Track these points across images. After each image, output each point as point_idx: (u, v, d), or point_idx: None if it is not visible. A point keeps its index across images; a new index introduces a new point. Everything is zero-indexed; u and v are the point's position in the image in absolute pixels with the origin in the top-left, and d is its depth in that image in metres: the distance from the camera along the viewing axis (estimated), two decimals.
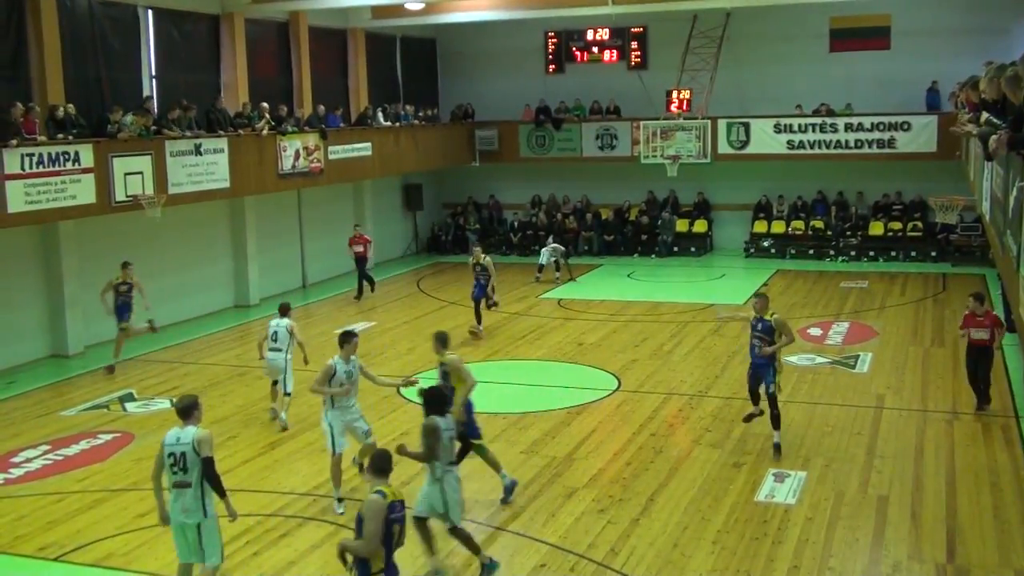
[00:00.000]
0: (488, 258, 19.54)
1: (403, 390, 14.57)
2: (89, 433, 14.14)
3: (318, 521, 10.80)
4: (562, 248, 25.77)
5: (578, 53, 30.29)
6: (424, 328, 20.32)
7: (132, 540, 10.46)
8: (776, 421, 12.42)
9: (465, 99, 30.93)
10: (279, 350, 14.13)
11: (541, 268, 25.25)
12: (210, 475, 8.40)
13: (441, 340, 11.49)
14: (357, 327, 20.60)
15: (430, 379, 11.71)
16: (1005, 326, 14.15)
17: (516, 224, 30.53)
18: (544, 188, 31.07)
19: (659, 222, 29.15)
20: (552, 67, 30.66)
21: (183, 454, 8.35)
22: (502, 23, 28.58)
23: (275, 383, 14.53)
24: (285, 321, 14.29)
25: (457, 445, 9.83)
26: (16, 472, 12.57)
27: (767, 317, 12.53)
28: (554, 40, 30.45)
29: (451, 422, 9.45)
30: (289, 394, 14.15)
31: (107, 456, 13.23)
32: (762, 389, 12.52)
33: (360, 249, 23.60)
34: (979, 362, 13.76)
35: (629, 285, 25.21)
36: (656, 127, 27.14)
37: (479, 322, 19.60)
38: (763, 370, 12.47)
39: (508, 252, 29.72)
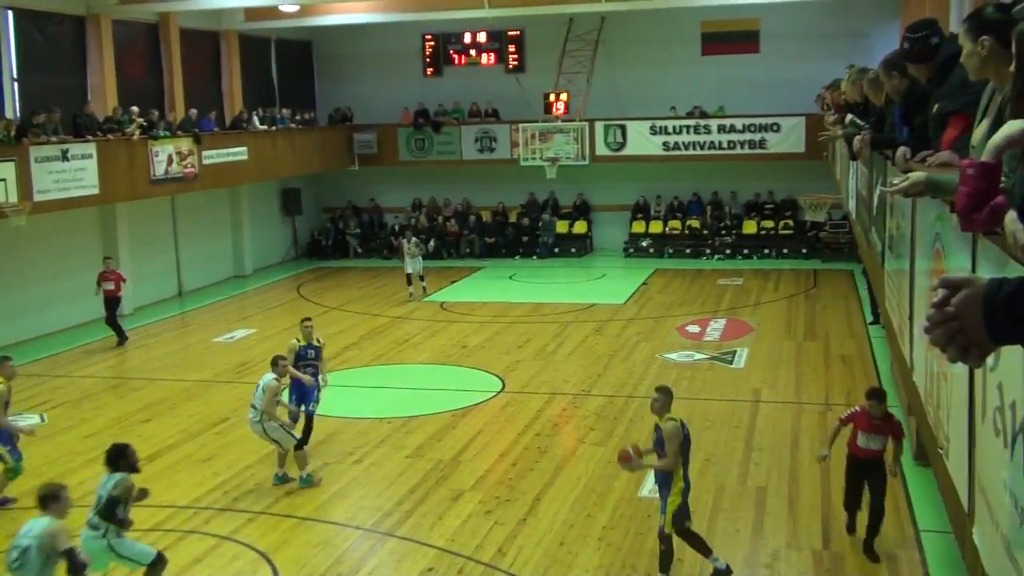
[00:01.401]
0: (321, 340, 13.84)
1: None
2: None
3: (199, 534, 10.54)
4: (416, 240, 23.87)
5: (456, 56, 30.30)
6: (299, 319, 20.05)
7: None
8: (665, 562, 9.18)
9: (343, 102, 30.64)
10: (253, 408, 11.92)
11: (410, 279, 23.36)
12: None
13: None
14: (236, 334, 20.29)
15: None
16: (905, 435, 10.15)
17: (397, 228, 30.37)
18: (425, 191, 30.99)
19: (539, 224, 29.38)
20: (430, 70, 30.61)
21: (26, 548, 7.35)
22: (379, 26, 28.41)
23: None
24: (268, 377, 11.98)
25: None
26: None
27: (662, 423, 9.06)
28: (431, 43, 30.40)
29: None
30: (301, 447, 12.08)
31: None
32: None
33: (111, 287, 19.37)
34: (867, 480, 9.65)
35: (511, 287, 25.34)
36: (535, 129, 27.34)
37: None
38: (662, 492, 9.15)
39: (390, 256, 29.50)
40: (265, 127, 26.47)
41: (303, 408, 12.88)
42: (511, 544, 10.06)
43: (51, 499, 7.64)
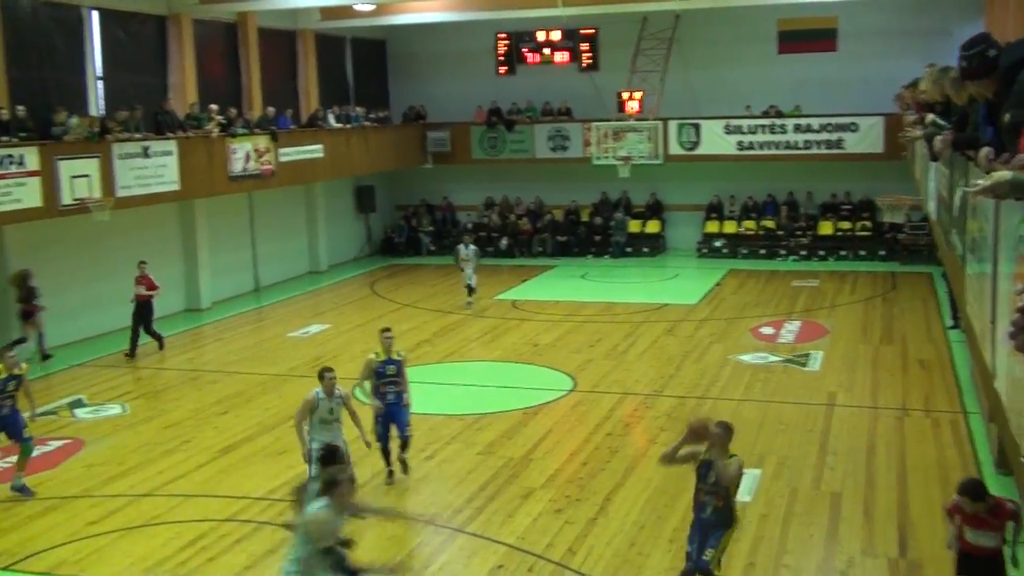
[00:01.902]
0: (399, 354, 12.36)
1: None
2: (39, 440, 13.86)
3: (274, 526, 10.69)
4: (475, 249, 22.58)
5: (529, 54, 30.32)
6: (378, 330, 20.23)
7: (83, 548, 10.31)
8: None
9: (416, 100, 30.85)
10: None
11: (470, 290, 22.28)
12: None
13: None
14: (311, 329, 20.55)
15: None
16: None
17: (470, 225, 30.51)
18: (497, 189, 31.07)
19: (612, 223, 29.29)
20: (503, 69, 30.66)
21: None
22: (453, 24, 28.55)
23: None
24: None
25: None
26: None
27: (723, 459, 8.31)
28: (505, 42, 30.46)
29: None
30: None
31: (57, 463, 13.03)
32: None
33: (143, 292, 18.81)
34: None
35: (583, 286, 25.29)
36: (608, 128, 27.28)
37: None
38: (711, 531, 8.43)
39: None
40: (340, 125, 26.77)
41: (400, 435, 11.84)
42: (581, 543, 10.06)
43: (330, 486, 7.37)
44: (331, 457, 8.57)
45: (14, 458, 12.67)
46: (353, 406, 11.06)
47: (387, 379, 11.81)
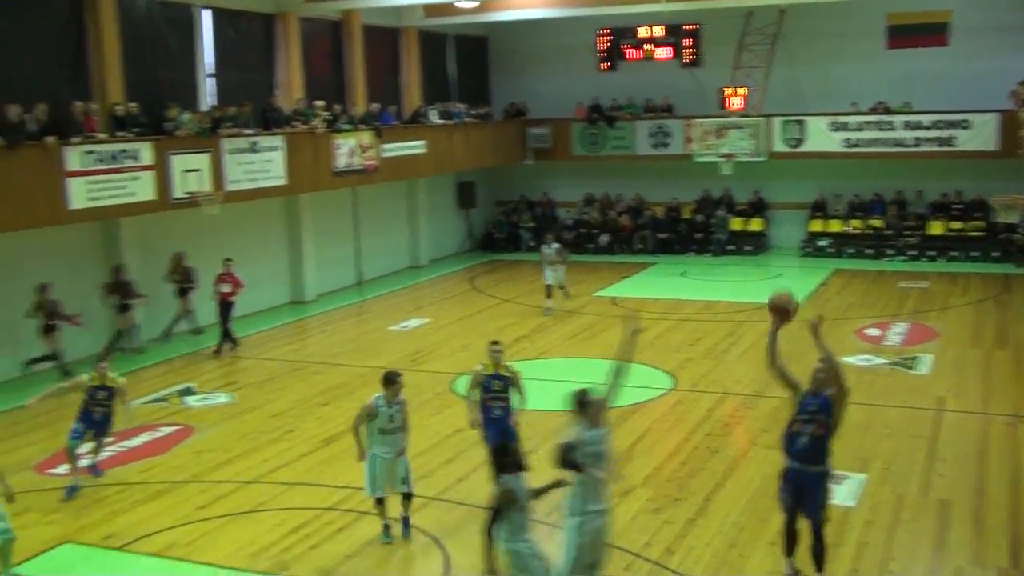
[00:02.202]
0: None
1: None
2: (150, 426, 14.36)
3: (374, 515, 10.83)
4: (558, 247, 21.76)
5: (631, 51, 30.13)
6: (477, 326, 20.42)
7: (193, 531, 10.60)
8: (820, 559, 8.74)
9: (517, 97, 30.95)
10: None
11: (549, 291, 21.55)
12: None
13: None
14: (411, 323, 20.78)
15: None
16: None
17: (570, 222, 30.50)
18: (598, 186, 30.99)
19: (713, 220, 28.96)
20: (605, 65, 30.52)
21: None
22: (554, 21, 28.53)
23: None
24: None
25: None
26: (82, 463, 12.78)
27: (825, 392, 8.69)
28: (606, 38, 30.32)
29: None
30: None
31: (167, 449, 13.43)
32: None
33: (227, 290, 18.78)
34: None
35: (683, 284, 25.06)
36: (710, 125, 26.98)
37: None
38: (812, 484, 8.58)
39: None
40: (442, 121, 27.00)
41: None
42: (680, 544, 9.97)
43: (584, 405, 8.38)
44: (504, 451, 8.49)
45: (127, 443, 13.15)
46: (408, 415, 10.42)
47: (494, 394, 10.99)
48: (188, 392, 16.16)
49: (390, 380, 10.24)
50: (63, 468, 11.95)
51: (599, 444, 8.27)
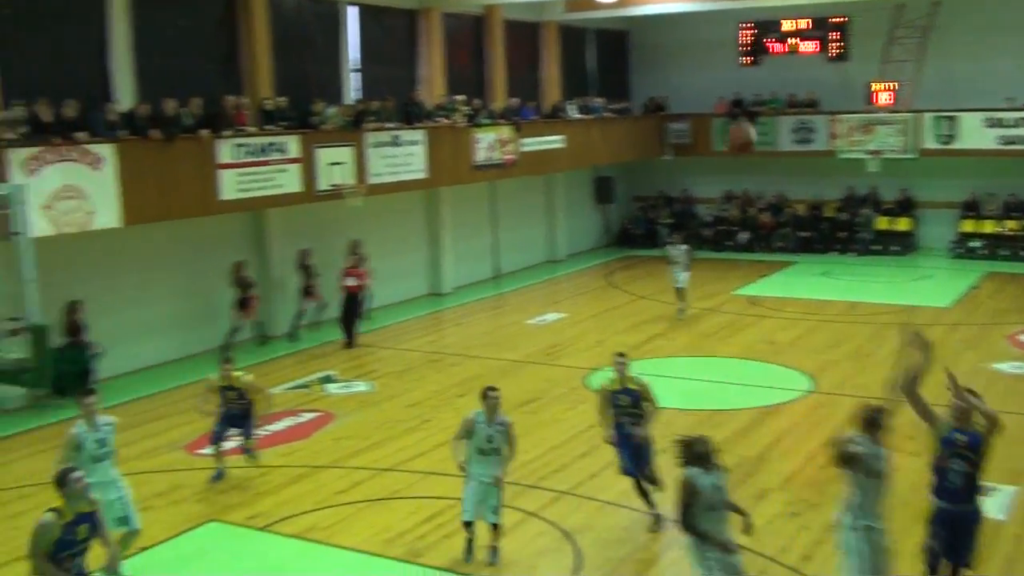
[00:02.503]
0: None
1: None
2: (292, 411, 14.79)
3: (507, 507, 10.89)
4: (685, 248, 20.52)
5: (774, 44, 29.52)
6: (613, 322, 20.35)
7: (332, 515, 10.87)
8: None
9: (657, 91, 30.68)
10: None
11: (681, 294, 20.41)
12: None
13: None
14: (547, 317, 20.84)
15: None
16: None
17: (709, 219, 30.09)
18: (738, 182, 30.48)
19: (858, 219, 28.13)
20: (747, 59, 29.99)
21: None
22: (695, 15, 28.12)
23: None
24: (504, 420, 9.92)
25: None
26: (227, 444, 13.25)
27: (972, 428, 8.11)
28: (749, 31, 29.78)
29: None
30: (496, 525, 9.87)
31: (309, 434, 13.80)
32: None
33: (353, 283, 18.79)
34: None
35: (825, 284, 24.43)
36: (856, 121, 26.22)
37: None
38: (967, 524, 8.12)
39: (700, 247, 29.37)
40: (581, 116, 26.98)
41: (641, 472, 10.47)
42: (818, 550, 9.74)
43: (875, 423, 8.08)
44: (690, 444, 8.06)
45: (270, 427, 13.57)
46: (514, 438, 9.79)
47: (621, 409, 10.32)
48: (329, 380, 16.57)
49: (484, 394, 9.81)
50: (210, 449, 12.39)
51: (880, 462, 7.99)
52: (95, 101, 16.10)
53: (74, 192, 14.61)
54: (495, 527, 9.72)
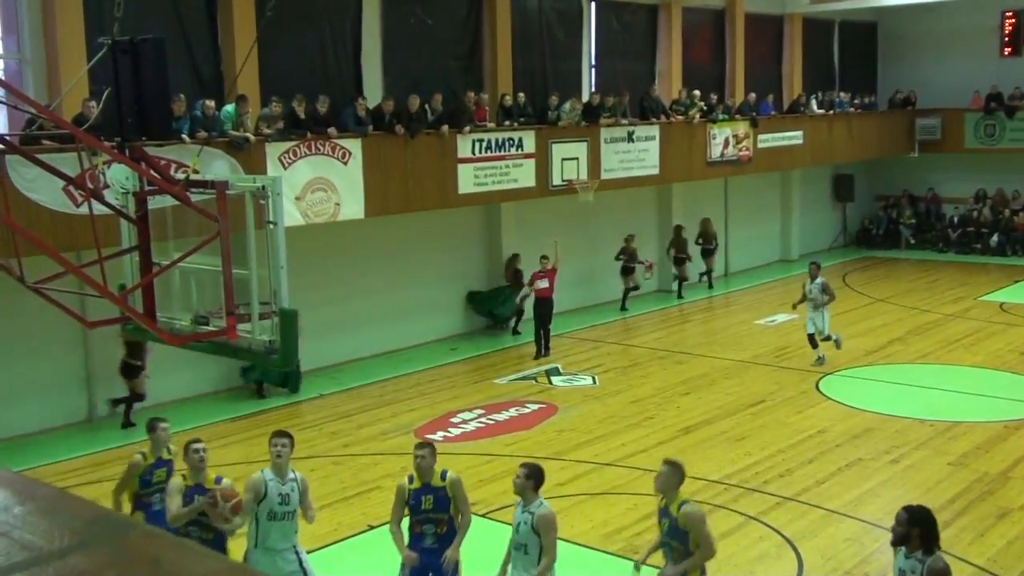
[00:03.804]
0: None
1: None
2: (518, 402, 15.14)
3: (727, 510, 10.80)
4: (822, 283, 16.78)
5: None
6: (850, 324, 19.64)
7: (552, 506, 11.04)
8: None
9: (906, 85, 29.26)
10: None
11: (813, 340, 16.79)
12: None
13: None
14: (777, 318, 20.35)
15: None
16: None
17: (956, 220, 28.51)
18: (991, 181, 28.64)
19: None
20: (1007, 49, 28.15)
21: None
22: (952, 3, 26.65)
23: None
24: None
25: None
26: (454, 431, 13.76)
27: (672, 507, 7.28)
28: (1011, 20, 27.94)
29: None
30: None
31: (532, 425, 14.09)
32: None
33: (545, 287, 17.96)
34: None
35: None
36: None
37: None
38: None
39: (945, 249, 27.91)
40: (822, 111, 26.14)
41: None
42: None
43: None
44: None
45: (495, 416, 13.92)
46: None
47: (422, 515, 7.77)
48: (555, 372, 16.85)
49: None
50: (440, 435, 12.85)
51: None
52: (346, 98, 16.98)
53: (323, 184, 15.49)
54: None
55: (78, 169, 7.93)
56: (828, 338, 16.68)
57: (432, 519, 7.72)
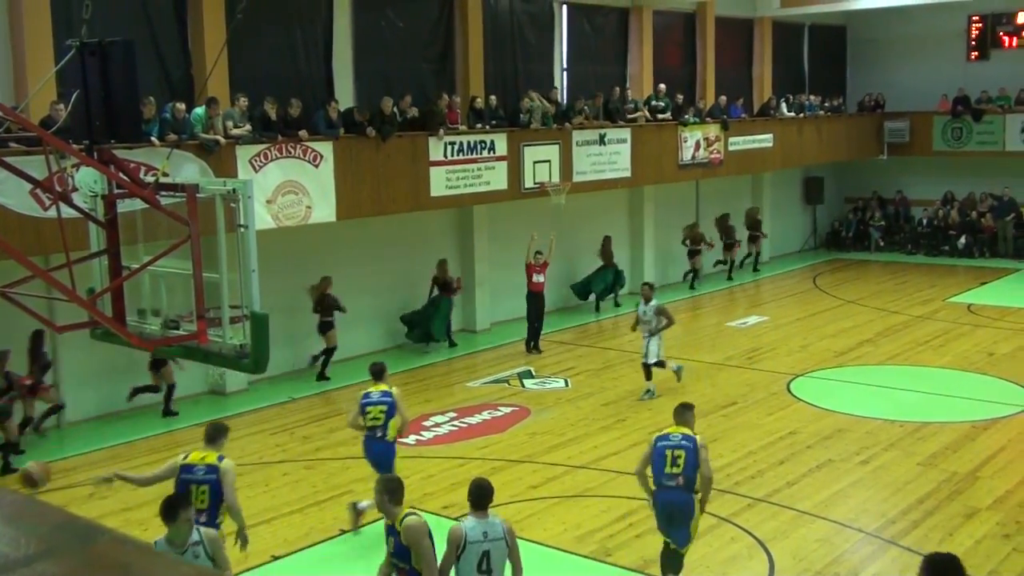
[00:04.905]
0: None
1: None
2: (490, 405, 15.13)
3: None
4: (656, 306, 15.28)
5: (1006, 38, 27.89)
6: (818, 326, 19.80)
7: (524, 509, 11.08)
8: None
9: (874, 88, 29.52)
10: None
11: (648, 371, 15.19)
12: None
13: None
14: (749, 320, 20.47)
15: None
16: None
17: (924, 221, 28.77)
18: (959, 184, 28.90)
19: None
20: (974, 54, 28.47)
21: None
22: (921, 7, 26.90)
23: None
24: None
25: None
26: (426, 435, 13.72)
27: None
28: (978, 24, 28.25)
29: None
30: None
31: (505, 428, 14.08)
32: None
33: (540, 280, 18.33)
34: None
35: None
36: None
37: None
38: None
39: (914, 251, 28.16)
40: (792, 114, 26.32)
41: None
42: None
43: None
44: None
45: (468, 419, 13.89)
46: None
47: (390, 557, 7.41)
48: (527, 375, 16.85)
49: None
50: (412, 439, 12.80)
51: None
52: (317, 100, 16.92)
53: (295, 187, 15.42)
54: None
55: (46, 172, 7.85)
56: (661, 364, 15.11)
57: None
